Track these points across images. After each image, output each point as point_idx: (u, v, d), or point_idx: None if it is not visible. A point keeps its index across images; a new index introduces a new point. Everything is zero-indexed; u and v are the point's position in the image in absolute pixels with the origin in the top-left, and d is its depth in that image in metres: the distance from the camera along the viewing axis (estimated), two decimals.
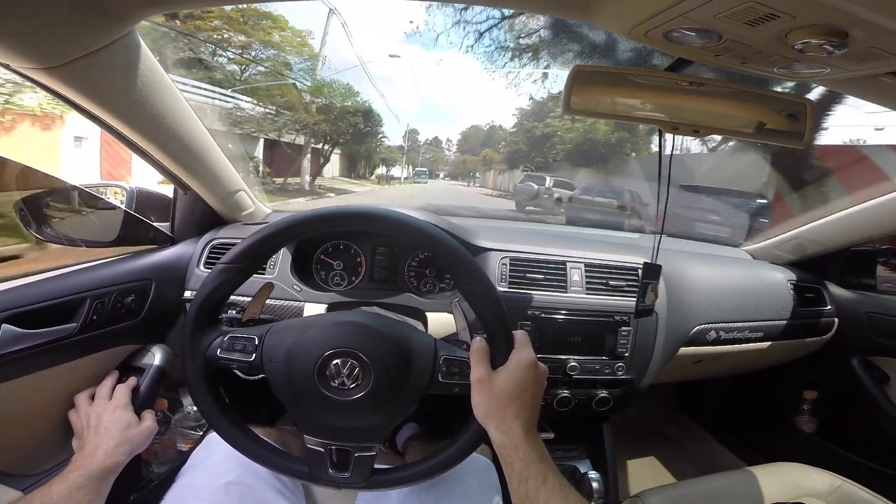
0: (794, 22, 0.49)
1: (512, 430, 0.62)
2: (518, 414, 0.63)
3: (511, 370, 0.65)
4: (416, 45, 33.22)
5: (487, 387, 0.64)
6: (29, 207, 0.97)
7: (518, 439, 0.62)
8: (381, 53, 35.34)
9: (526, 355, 0.66)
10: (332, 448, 0.67)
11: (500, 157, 27.38)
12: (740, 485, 0.97)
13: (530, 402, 0.65)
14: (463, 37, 11.78)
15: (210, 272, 0.67)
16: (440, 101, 51.22)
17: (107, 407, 0.86)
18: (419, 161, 33.45)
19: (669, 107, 0.75)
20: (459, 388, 0.67)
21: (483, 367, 0.65)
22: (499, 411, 0.63)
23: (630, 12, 0.56)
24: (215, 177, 1.07)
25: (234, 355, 0.67)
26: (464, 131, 34.18)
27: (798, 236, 1.43)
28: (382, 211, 0.68)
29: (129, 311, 0.97)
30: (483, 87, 47.25)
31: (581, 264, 1.16)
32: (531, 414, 0.65)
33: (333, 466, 0.67)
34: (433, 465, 0.69)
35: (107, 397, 0.88)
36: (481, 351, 0.66)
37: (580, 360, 1.10)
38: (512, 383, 0.64)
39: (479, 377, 0.65)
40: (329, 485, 0.68)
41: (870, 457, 1.37)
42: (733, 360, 1.34)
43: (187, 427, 1.17)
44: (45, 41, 0.61)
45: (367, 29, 38.03)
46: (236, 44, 13.13)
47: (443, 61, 34.36)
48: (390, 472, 0.70)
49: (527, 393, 0.65)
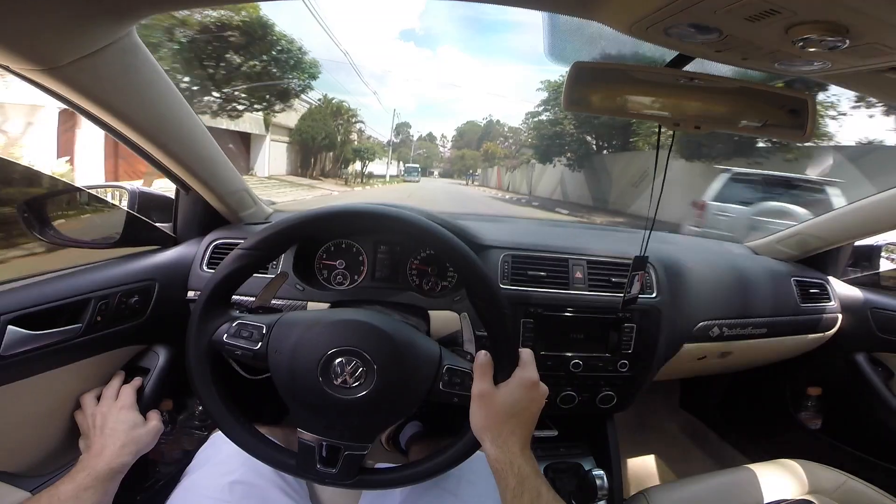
0: (794, 17, 0.48)
1: (507, 446, 0.64)
2: (514, 431, 0.65)
3: (512, 388, 0.66)
4: (410, 41, 31.99)
5: (488, 401, 0.66)
6: (32, 210, 0.97)
7: (513, 455, 0.63)
8: (371, 46, 32.81)
9: (529, 374, 0.67)
10: (324, 443, 0.68)
11: (504, 152, 25.73)
12: (746, 481, 0.97)
13: (528, 420, 0.67)
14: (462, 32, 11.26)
15: (229, 255, 0.68)
16: (434, 95, 50.59)
17: (112, 407, 0.86)
18: (411, 157, 29.74)
19: (671, 103, 0.75)
20: (459, 399, 0.68)
21: (485, 381, 0.66)
22: (496, 427, 0.65)
23: (630, 8, 0.56)
24: (216, 177, 1.07)
25: (240, 342, 0.67)
26: (459, 127, 31.08)
27: (801, 231, 1.42)
28: (402, 214, 0.69)
29: (134, 312, 0.97)
30: (479, 80, 45.64)
31: (583, 261, 1.15)
32: (527, 432, 0.66)
33: (322, 462, 0.68)
34: (423, 469, 0.70)
35: (112, 398, 0.88)
36: (485, 365, 0.67)
37: (583, 358, 1.10)
38: (512, 400, 0.66)
39: (481, 391, 0.66)
40: (314, 479, 0.69)
41: (875, 453, 1.37)
42: (737, 356, 1.34)
43: (193, 427, 1.18)
44: (44, 42, 0.61)
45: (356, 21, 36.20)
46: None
47: (437, 56, 34.31)
48: (378, 473, 0.71)
49: (526, 412, 0.66)
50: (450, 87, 50.28)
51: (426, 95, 52.85)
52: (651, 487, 0.95)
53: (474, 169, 30.85)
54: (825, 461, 1.02)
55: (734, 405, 1.80)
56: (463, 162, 32.00)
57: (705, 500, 0.95)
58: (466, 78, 46.68)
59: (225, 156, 1.07)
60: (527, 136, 25.14)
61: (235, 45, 9.36)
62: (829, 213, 1.33)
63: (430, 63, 44.82)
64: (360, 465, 0.69)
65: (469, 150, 32.22)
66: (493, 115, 35.46)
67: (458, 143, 34.20)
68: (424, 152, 31.16)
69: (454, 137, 34.08)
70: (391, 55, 41.19)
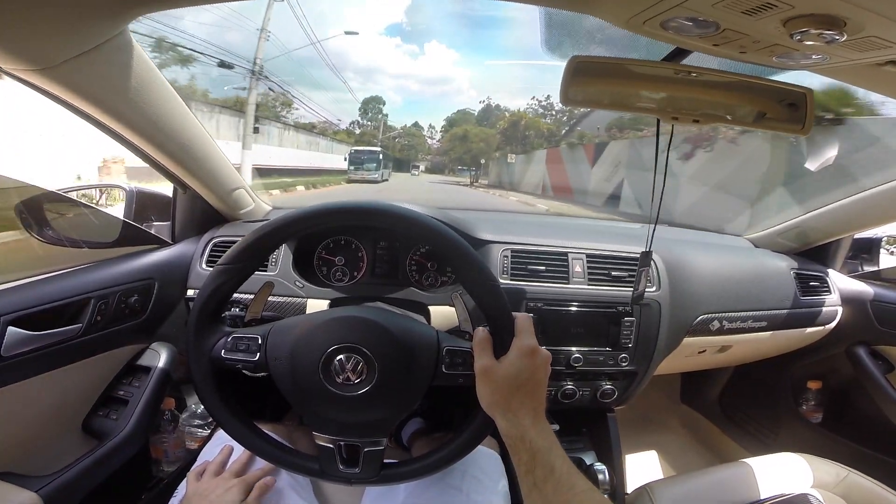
0: (791, 10, 0.48)
1: (518, 419, 0.62)
2: (524, 402, 0.63)
3: (512, 359, 0.64)
4: (396, 36, 26.84)
5: (492, 376, 0.64)
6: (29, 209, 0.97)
7: (524, 428, 0.61)
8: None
9: (526, 342, 0.65)
10: (342, 444, 0.67)
11: (548, 126, 15.40)
12: (747, 475, 0.97)
13: (534, 390, 0.64)
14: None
15: (209, 274, 0.67)
16: (421, 89, 40.99)
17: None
18: (379, 141, 17.45)
19: (669, 97, 0.74)
20: (464, 379, 0.67)
21: (486, 356, 0.65)
22: (504, 400, 0.63)
23: (627, 2, 0.55)
24: (213, 175, 1.07)
25: (239, 355, 0.67)
26: (450, 116, 20.81)
27: (801, 224, 1.42)
28: (379, 205, 0.68)
29: (133, 311, 0.98)
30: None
31: (583, 255, 1.15)
32: (537, 402, 0.64)
33: (343, 462, 0.68)
34: (442, 456, 0.69)
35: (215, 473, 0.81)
36: (484, 340, 0.66)
37: (583, 352, 1.10)
38: (515, 371, 0.63)
39: (483, 367, 0.64)
40: (340, 480, 0.69)
41: (876, 447, 1.37)
42: (737, 349, 1.34)
43: (194, 426, 1.19)
44: (37, 42, 0.60)
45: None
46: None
47: (425, 51, 25.10)
48: (400, 466, 0.71)
49: (531, 381, 0.64)
50: (439, 82, 46.08)
51: (412, 89, 47.01)
52: (653, 482, 0.96)
53: (486, 157, 19.15)
54: (826, 455, 1.02)
55: (735, 399, 1.80)
56: (466, 145, 19.20)
57: (707, 495, 0.95)
58: (455, 73, 44.47)
59: (222, 154, 1.06)
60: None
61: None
62: (829, 206, 1.32)
63: (417, 59, 43.70)
64: (382, 461, 0.68)
65: (474, 126, 20.06)
66: (493, 100, 23.49)
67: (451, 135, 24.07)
68: (405, 141, 21.36)
69: (443, 128, 22.53)
70: (376, 50, 40.06)
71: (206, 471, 0.80)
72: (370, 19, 32.76)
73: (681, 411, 1.96)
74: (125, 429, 0.94)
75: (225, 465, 0.81)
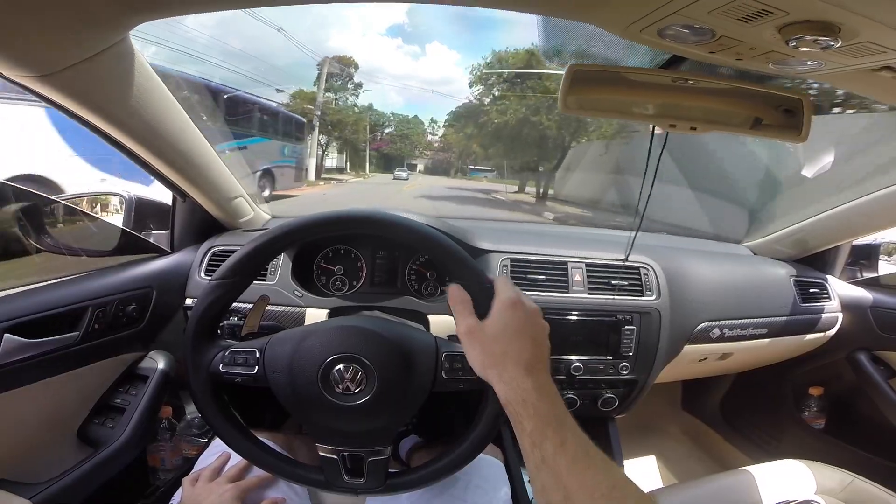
0: (787, 17, 0.49)
1: (516, 380, 0.55)
2: (519, 360, 0.56)
3: (496, 314, 0.59)
4: (398, 37, 25.66)
5: (478, 336, 0.59)
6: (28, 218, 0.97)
7: (525, 391, 0.54)
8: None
9: (507, 295, 0.60)
10: (345, 454, 0.67)
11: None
12: (751, 483, 0.96)
13: (530, 344, 0.58)
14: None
15: (204, 289, 0.67)
16: (423, 89, 37.54)
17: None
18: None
19: (666, 104, 0.75)
20: (464, 384, 0.66)
21: (467, 315, 0.60)
22: (496, 360, 0.57)
23: (625, 11, 0.56)
24: (213, 184, 1.07)
25: (237, 369, 0.66)
26: (454, 109, 15.38)
27: (799, 231, 1.42)
28: (375, 213, 0.67)
29: (131, 319, 0.97)
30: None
31: (582, 264, 1.15)
32: (535, 358, 0.57)
33: (348, 473, 0.67)
34: (448, 463, 0.68)
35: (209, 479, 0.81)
36: (461, 299, 0.61)
37: (584, 361, 1.09)
38: (502, 325, 0.58)
39: (467, 327, 0.59)
40: (346, 491, 0.68)
41: (879, 452, 1.36)
42: (738, 356, 1.33)
43: (192, 434, 1.18)
44: (38, 49, 0.61)
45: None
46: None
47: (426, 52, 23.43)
48: (406, 475, 0.70)
49: (522, 334, 0.58)
50: (441, 83, 43.85)
51: (413, 89, 42.62)
52: (655, 490, 0.95)
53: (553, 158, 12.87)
54: (830, 461, 1.01)
55: (736, 406, 1.79)
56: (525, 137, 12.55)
57: (710, 502, 0.94)
58: (457, 73, 43.13)
59: (222, 162, 1.06)
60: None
61: None
62: (827, 212, 1.32)
63: (418, 59, 42.88)
64: (388, 470, 0.68)
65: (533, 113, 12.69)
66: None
67: (456, 128, 17.74)
68: (399, 131, 16.72)
69: (447, 122, 17.18)
70: (377, 51, 39.10)
71: (201, 476, 0.80)
72: (370, 19, 32.26)
73: (682, 419, 1.95)
74: (121, 437, 0.93)
75: (220, 471, 0.80)
